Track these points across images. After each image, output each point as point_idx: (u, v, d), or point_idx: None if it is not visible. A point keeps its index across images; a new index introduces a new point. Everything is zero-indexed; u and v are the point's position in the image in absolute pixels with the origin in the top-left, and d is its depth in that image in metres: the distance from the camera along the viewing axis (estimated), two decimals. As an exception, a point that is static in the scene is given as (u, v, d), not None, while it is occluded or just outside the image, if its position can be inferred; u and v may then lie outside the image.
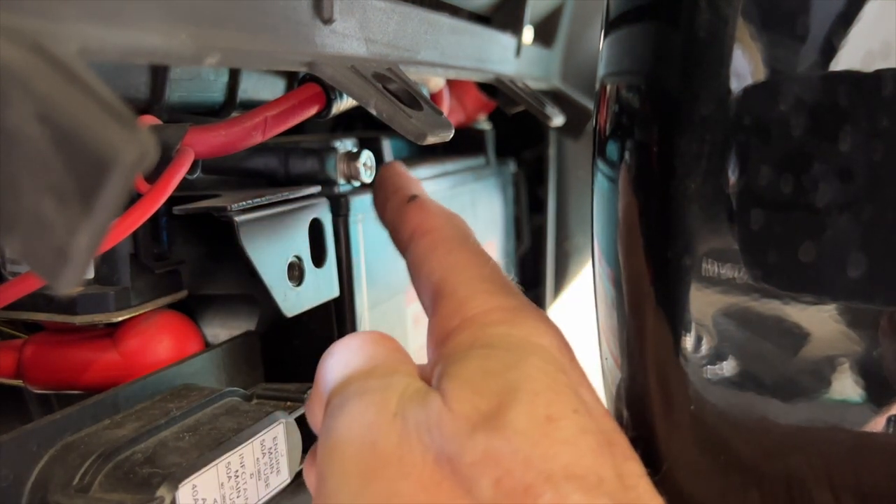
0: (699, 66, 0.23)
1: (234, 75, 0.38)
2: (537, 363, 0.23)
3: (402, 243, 0.30)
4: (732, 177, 0.22)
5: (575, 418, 0.21)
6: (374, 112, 0.27)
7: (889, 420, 0.21)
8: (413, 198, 0.31)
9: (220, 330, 0.38)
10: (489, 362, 0.23)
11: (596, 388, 0.26)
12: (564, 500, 0.19)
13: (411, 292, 0.48)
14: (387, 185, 0.33)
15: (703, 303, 0.23)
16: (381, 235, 0.43)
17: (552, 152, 0.71)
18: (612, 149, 0.27)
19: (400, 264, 0.46)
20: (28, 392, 0.35)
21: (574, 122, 0.66)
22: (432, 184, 0.50)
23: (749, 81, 0.22)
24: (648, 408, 0.26)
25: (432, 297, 0.27)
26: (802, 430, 0.22)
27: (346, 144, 0.40)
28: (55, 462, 0.25)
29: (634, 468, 0.22)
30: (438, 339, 0.26)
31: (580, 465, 0.20)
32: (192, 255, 0.36)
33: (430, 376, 0.24)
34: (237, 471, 0.28)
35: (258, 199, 0.33)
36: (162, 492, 0.24)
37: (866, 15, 0.20)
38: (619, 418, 0.29)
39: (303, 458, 0.32)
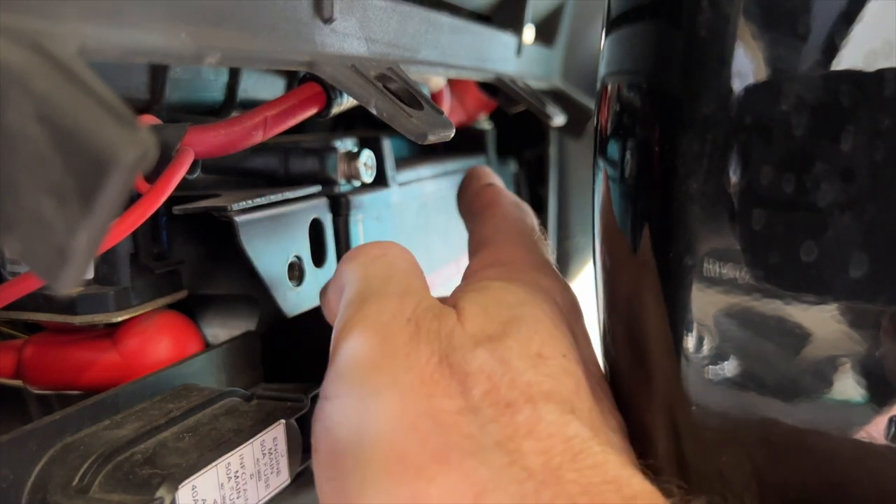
0: (701, 65, 0.23)
1: (234, 75, 0.38)
2: (546, 308, 0.26)
3: (472, 215, 0.35)
4: (734, 176, 0.22)
5: (562, 361, 0.24)
6: (374, 112, 0.27)
7: (891, 421, 0.21)
8: (490, 184, 0.37)
9: (220, 330, 0.38)
10: (506, 294, 0.27)
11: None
12: (540, 417, 0.22)
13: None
14: (471, 175, 0.39)
15: (704, 303, 0.23)
16: (382, 235, 0.43)
17: (553, 152, 0.71)
18: (613, 148, 0.27)
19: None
20: (28, 392, 0.35)
21: (575, 121, 0.66)
22: (433, 183, 0.50)
23: (751, 81, 0.22)
24: (649, 408, 0.26)
25: (476, 249, 0.32)
26: (804, 431, 0.22)
27: (346, 144, 0.40)
28: (55, 462, 0.25)
29: (609, 409, 0.25)
30: (468, 274, 0.30)
31: (559, 394, 0.23)
32: (192, 255, 0.36)
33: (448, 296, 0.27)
34: (237, 471, 0.27)
35: (258, 199, 0.32)
36: (162, 492, 0.24)
37: (868, 14, 0.20)
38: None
39: (303, 458, 0.32)
